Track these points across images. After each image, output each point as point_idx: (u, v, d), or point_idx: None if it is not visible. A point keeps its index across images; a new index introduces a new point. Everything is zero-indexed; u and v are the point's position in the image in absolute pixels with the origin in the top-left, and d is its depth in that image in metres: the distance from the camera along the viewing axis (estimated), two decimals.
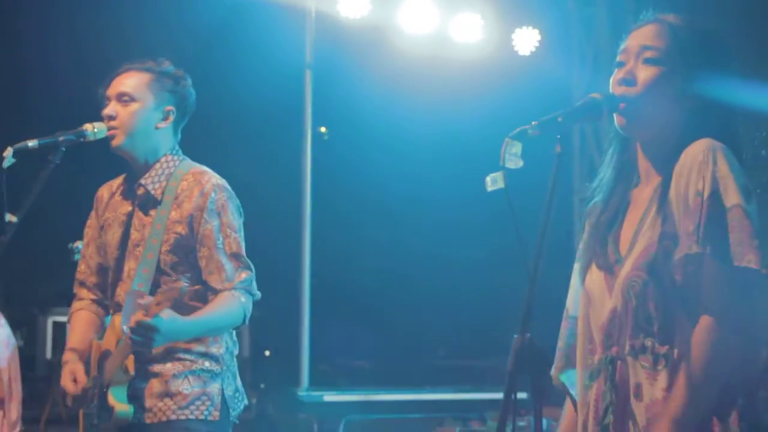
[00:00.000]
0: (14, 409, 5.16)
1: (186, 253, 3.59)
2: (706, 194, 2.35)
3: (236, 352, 3.73)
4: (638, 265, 2.45)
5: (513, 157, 2.37)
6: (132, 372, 3.47)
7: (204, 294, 3.54)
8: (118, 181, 3.80)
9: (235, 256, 3.56)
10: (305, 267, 7.55)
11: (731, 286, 2.33)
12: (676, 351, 2.41)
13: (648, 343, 2.45)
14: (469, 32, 8.02)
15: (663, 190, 2.48)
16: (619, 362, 2.49)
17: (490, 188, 2.47)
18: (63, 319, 3.96)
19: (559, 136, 2.38)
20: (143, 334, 3.26)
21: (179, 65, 3.80)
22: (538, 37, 8.33)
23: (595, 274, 2.59)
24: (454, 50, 8.00)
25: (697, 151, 2.40)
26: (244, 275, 3.56)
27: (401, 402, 7.62)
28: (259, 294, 3.63)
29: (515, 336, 2.25)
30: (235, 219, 3.62)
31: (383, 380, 8.01)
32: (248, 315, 3.55)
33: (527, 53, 8.30)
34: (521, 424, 5.10)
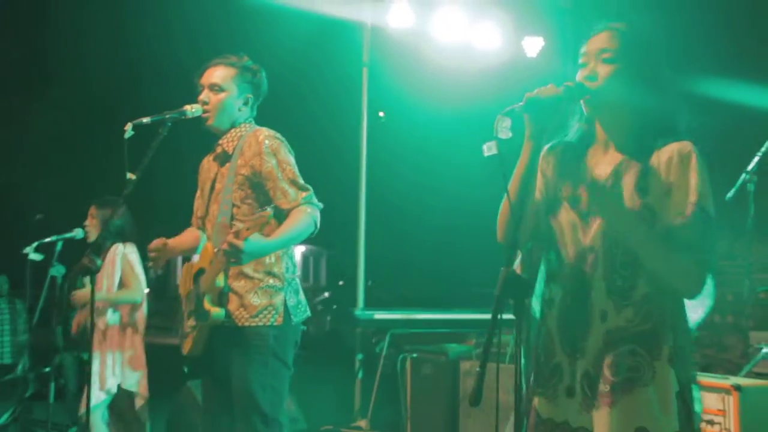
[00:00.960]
0: (141, 317, 5.22)
1: (252, 188, 3.60)
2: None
3: (297, 272, 3.72)
4: (616, 220, 2.41)
5: (504, 129, 2.35)
6: (222, 284, 3.50)
7: (279, 216, 3.53)
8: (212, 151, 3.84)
9: (293, 182, 3.57)
10: (361, 223, 7.59)
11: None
12: (641, 292, 2.37)
13: (618, 282, 2.40)
14: (489, 39, 7.97)
15: (643, 170, 2.42)
16: (592, 291, 2.43)
17: (486, 154, 2.45)
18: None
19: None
20: (235, 253, 3.28)
21: (268, 66, 3.84)
22: (542, 43, 8.24)
23: (569, 214, 2.53)
24: (477, 54, 7.94)
25: (685, 151, 2.38)
26: (304, 193, 3.57)
27: (434, 320, 7.66)
28: (321, 204, 3.61)
29: (502, 268, 2.21)
30: (287, 156, 3.62)
31: (422, 303, 8.00)
32: (317, 221, 3.55)
33: (534, 56, 8.23)
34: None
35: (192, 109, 3.60)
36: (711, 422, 4.43)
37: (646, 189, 2.40)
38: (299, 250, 35.22)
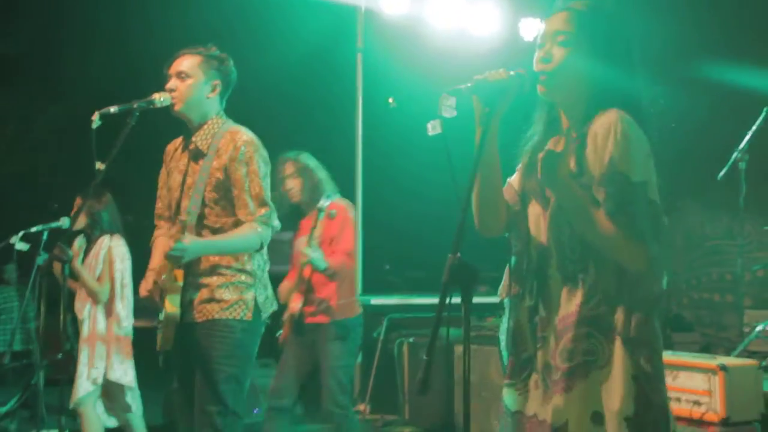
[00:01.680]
0: (123, 309, 5.22)
1: (223, 192, 3.61)
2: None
3: (267, 268, 3.75)
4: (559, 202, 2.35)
5: (448, 108, 2.31)
6: (180, 282, 3.51)
7: (238, 225, 3.59)
8: (179, 139, 3.84)
9: (256, 196, 3.58)
10: (358, 209, 7.52)
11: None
12: (591, 273, 2.30)
13: (570, 267, 2.34)
14: (485, 23, 7.86)
15: (579, 147, 2.35)
16: (549, 281, 2.39)
17: (430, 132, 2.42)
18: None
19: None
20: (175, 258, 3.39)
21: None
22: (540, 25, 8.10)
23: (535, 207, 2.47)
24: (473, 38, 7.84)
25: (608, 121, 2.30)
26: (263, 210, 3.58)
27: (430, 304, 7.59)
28: (278, 225, 3.66)
29: (449, 255, 2.17)
30: (259, 166, 3.62)
31: (417, 288, 7.95)
32: (265, 241, 3.60)
33: (531, 39, 8.10)
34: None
35: (160, 98, 3.59)
36: (697, 402, 4.39)
37: (581, 167, 2.33)
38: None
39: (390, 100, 7.96)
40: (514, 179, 2.58)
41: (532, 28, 8.09)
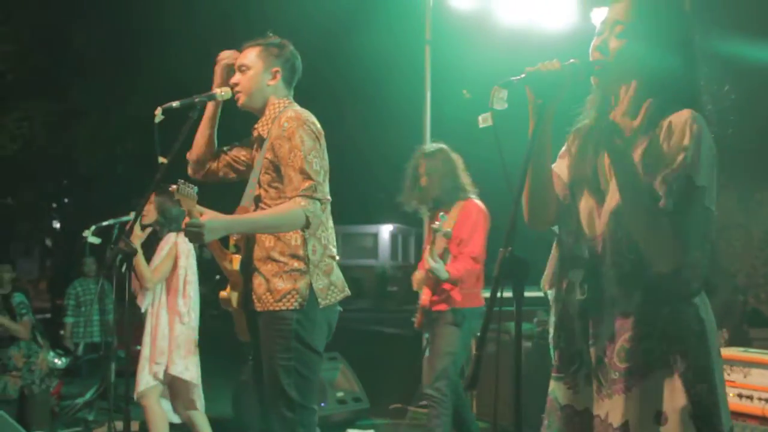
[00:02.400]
0: (184, 305, 5.24)
1: (275, 172, 3.54)
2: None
3: (329, 253, 3.63)
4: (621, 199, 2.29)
5: (500, 100, 2.26)
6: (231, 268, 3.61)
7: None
8: None
9: (300, 170, 3.43)
10: None
11: None
12: (650, 274, 2.24)
13: (627, 267, 2.28)
14: (554, 15, 7.71)
15: (648, 145, 2.29)
16: (603, 278, 2.33)
17: (481, 125, 2.37)
18: None
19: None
20: (194, 233, 3.21)
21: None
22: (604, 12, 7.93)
23: (588, 201, 2.42)
24: (542, 31, 7.71)
25: (682, 120, 2.24)
26: (307, 183, 3.41)
27: (499, 298, 7.52)
28: (327, 197, 3.50)
29: (500, 249, 2.12)
30: (302, 140, 3.46)
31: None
32: (312, 216, 3.40)
33: None
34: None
35: (221, 92, 3.60)
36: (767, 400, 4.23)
37: (651, 165, 2.26)
38: (387, 230, 35.16)
39: (465, 92, 7.90)
40: (559, 168, 2.53)
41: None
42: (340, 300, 3.65)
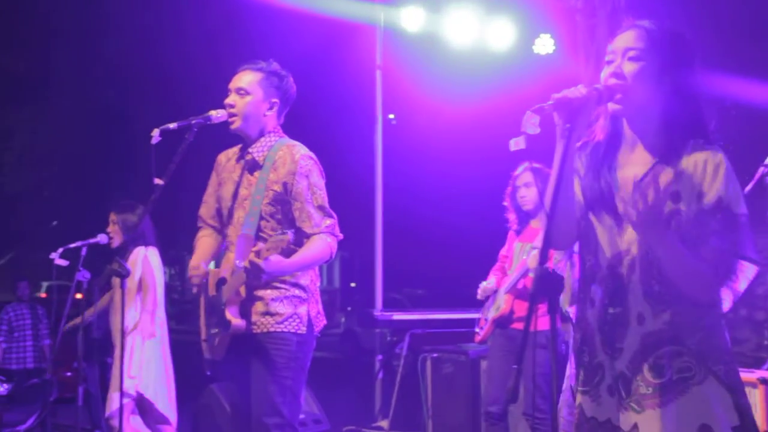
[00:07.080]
0: (149, 323, 5.21)
1: (281, 205, 3.60)
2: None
3: (319, 283, 3.77)
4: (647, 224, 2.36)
5: (533, 125, 2.36)
6: (243, 295, 3.53)
7: (299, 238, 3.57)
8: (234, 149, 3.83)
9: (320, 208, 3.59)
10: (378, 225, 7.60)
11: None
12: (677, 295, 2.35)
13: (656, 287, 2.38)
14: (500, 39, 7.96)
15: (676, 175, 2.40)
16: (629, 294, 2.42)
17: (513, 149, 2.46)
18: None
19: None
20: (255, 271, 3.32)
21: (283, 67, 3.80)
22: (553, 42, 8.22)
23: (607, 220, 2.50)
24: (489, 54, 7.93)
25: (716, 160, 2.37)
26: (328, 221, 3.59)
27: (451, 319, 7.71)
28: (341, 235, 3.66)
29: (536, 266, 2.21)
30: (319, 180, 3.63)
31: (438, 303, 8.00)
32: (334, 251, 3.61)
33: (545, 54, 8.21)
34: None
35: (217, 114, 3.61)
36: None
37: (679, 194, 2.38)
38: None
39: (390, 116, 8.03)
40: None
41: (546, 44, 8.19)
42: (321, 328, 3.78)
